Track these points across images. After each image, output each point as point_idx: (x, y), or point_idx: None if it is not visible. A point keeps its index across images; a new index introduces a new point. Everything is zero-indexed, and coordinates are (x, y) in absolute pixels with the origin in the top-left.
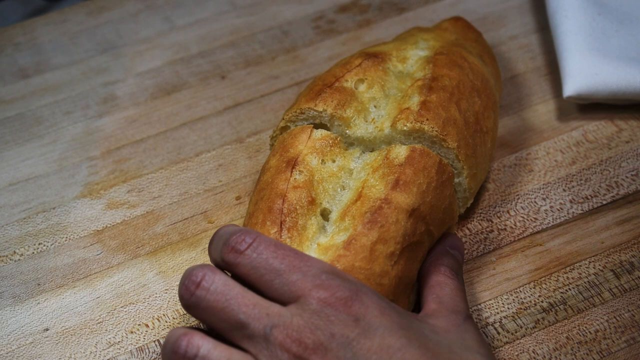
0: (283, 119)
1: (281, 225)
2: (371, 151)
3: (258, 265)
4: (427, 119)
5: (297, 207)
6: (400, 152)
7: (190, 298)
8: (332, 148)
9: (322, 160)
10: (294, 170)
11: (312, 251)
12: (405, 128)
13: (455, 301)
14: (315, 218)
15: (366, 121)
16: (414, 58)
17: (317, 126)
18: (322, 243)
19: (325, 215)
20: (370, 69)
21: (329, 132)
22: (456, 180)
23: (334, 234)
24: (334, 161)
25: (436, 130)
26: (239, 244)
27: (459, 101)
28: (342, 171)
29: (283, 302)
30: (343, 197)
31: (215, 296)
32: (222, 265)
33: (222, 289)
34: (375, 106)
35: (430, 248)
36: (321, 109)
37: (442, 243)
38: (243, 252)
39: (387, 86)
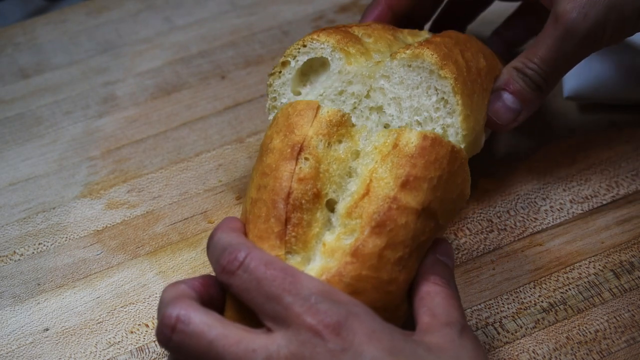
0: (284, 55)
1: (286, 223)
2: (371, 102)
3: (249, 287)
4: (428, 49)
5: (303, 202)
6: (411, 138)
7: (168, 344)
8: (339, 128)
9: (329, 143)
10: (299, 158)
11: (318, 252)
12: (404, 55)
13: (449, 311)
14: (320, 212)
15: (367, 61)
16: (422, 37)
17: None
18: (327, 242)
19: (330, 205)
20: (379, 29)
21: (335, 109)
22: (449, 120)
23: (341, 234)
24: (340, 142)
25: (435, 58)
26: (230, 264)
27: (463, 51)
28: (349, 153)
29: (273, 325)
30: (350, 185)
31: (195, 340)
32: (219, 280)
33: (201, 329)
34: (378, 55)
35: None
36: (324, 40)
37: (432, 253)
38: (234, 273)
39: (393, 46)
